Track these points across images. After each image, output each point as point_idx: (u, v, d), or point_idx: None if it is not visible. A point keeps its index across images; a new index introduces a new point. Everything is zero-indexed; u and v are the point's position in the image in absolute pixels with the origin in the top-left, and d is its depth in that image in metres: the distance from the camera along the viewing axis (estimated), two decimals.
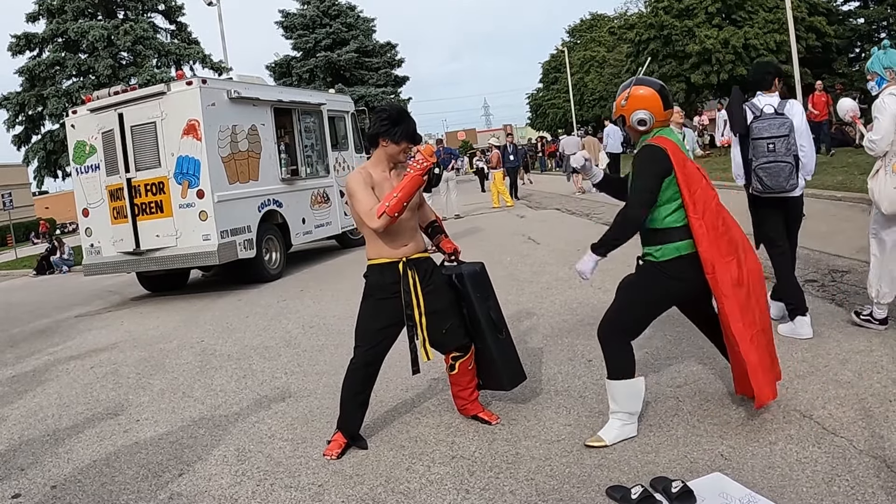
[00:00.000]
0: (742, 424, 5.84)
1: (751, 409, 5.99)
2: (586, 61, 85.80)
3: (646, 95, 5.70)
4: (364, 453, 6.26)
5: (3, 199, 41.35)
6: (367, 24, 59.49)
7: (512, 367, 6.48)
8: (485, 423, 6.53)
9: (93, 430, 7.97)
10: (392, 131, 6.09)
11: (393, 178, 6.26)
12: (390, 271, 6.21)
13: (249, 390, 8.70)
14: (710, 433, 5.76)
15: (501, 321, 6.50)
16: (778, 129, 7.93)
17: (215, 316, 14.15)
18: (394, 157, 6.21)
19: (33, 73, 40.54)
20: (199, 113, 15.94)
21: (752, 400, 5.80)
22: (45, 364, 11.98)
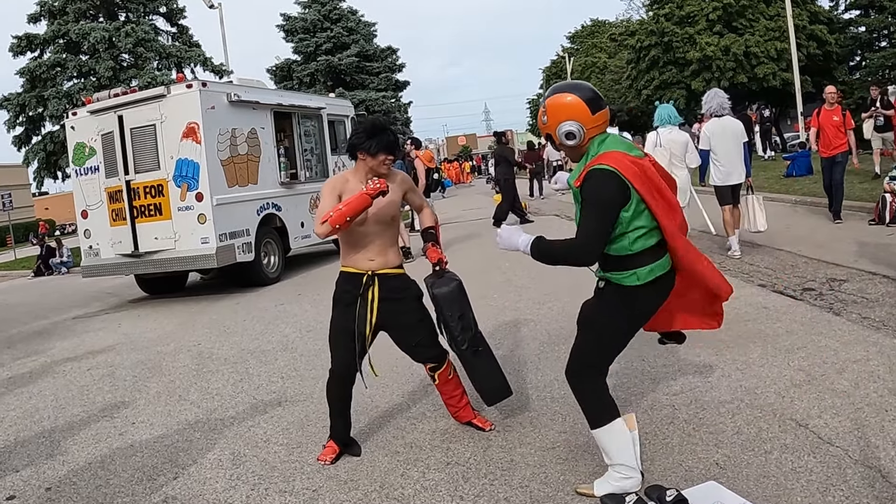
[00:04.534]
0: (737, 433, 5.83)
1: (748, 419, 5.98)
2: (587, 67, 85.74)
3: (565, 104, 4.96)
4: (359, 459, 6.26)
5: (3, 199, 41.31)
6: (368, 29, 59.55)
7: (492, 383, 6.37)
8: (479, 430, 6.53)
9: (88, 432, 7.98)
10: (367, 144, 6.07)
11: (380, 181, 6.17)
12: (353, 282, 6.30)
13: (245, 394, 8.70)
14: (705, 441, 5.76)
15: (478, 337, 6.35)
16: None
17: (213, 319, 14.16)
18: (374, 170, 6.16)
19: (34, 75, 40.64)
20: (199, 116, 15.95)
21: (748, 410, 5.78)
22: (42, 366, 11.99)
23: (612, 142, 4.96)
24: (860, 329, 8.15)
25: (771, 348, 7.73)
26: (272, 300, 15.44)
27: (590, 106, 4.88)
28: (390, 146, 6.15)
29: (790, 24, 39.60)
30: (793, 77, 42.37)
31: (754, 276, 11.50)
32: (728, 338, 8.30)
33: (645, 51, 55.89)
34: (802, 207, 19.43)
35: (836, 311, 9.08)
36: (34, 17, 41.72)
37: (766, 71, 49.50)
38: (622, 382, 7.25)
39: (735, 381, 6.97)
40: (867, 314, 8.71)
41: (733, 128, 13.49)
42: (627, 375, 7.45)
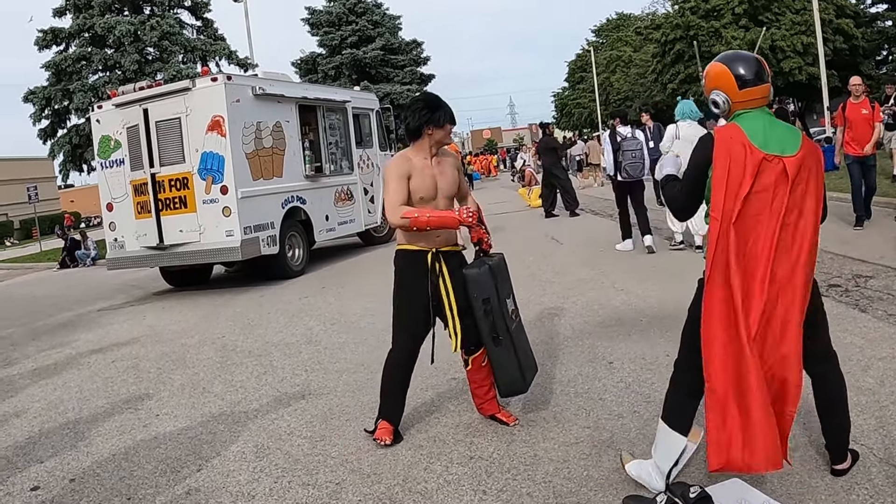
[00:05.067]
0: None
1: None
2: (612, 61, 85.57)
3: (717, 73, 4.86)
4: (382, 452, 6.24)
5: (29, 192, 41.48)
6: (393, 22, 59.49)
7: (507, 376, 6.27)
8: (503, 424, 6.52)
9: (112, 424, 8.00)
10: (435, 117, 6.14)
11: (434, 165, 6.29)
12: (418, 259, 6.25)
13: (269, 387, 8.70)
14: None
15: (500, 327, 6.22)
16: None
17: (237, 312, 14.18)
18: (441, 142, 6.28)
19: (60, 68, 40.65)
20: (224, 109, 15.98)
21: None
22: (67, 357, 12.02)
23: (748, 118, 4.72)
24: (886, 326, 8.10)
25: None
26: (296, 293, 15.43)
27: (738, 81, 4.73)
28: (453, 115, 6.28)
29: (816, 18, 39.37)
30: (819, 71, 42.14)
31: None
32: None
33: (670, 44, 55.71)
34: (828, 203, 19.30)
35: (862, 307, 9.02)
36: (60, 10, 41.72)
37: (792, 65, 49.26)
38: (646, 378, 7.25)
39: None
40: (893, 311, 8.66)
41: None
42: (651, 371, 7.44)
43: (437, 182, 6.24)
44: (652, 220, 15.44)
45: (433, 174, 6.24)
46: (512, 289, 6.53)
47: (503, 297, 6.28)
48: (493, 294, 6.15)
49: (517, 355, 6.26)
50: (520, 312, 6.63)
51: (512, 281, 6.55)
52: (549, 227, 21.28)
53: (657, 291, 11.06)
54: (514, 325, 6.36)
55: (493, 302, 6.13)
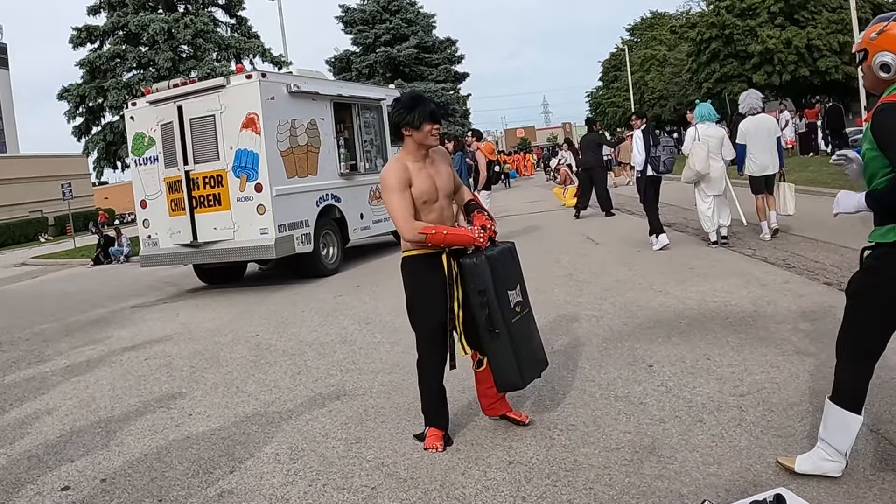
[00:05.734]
0: (808, 437, 5.63)
1: (818, 423, 5.79)
2: (647, 60, 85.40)
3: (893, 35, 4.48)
4: (419, 455, 6.13)
5: (63, 189, 41.63)
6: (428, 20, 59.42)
7: (503, 370, 6.08)
8: (517, 424, 6.47)
9: (144, 423, 7.93)
10: (409, 117, 5.95)
11: (428, 165, 6.16)
12: (435, 264, 6.10)
13: (303, 387, 8.61)
14: (773, 445, 5.57)
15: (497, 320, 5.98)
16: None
17: (271, 310, 14.11)
18: (423, 142, 6.05)
19: (94, 66, 40.79)
20: (259, 106, 15.93)
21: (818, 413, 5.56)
22: (100, 355, 11.99)
23: None
24: None
25: None
26: (331, 292, 15.37)
27: None
28: (434, 114, 6.02)
29: (854, 17, 39.08)
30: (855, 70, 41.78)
31: (819, 274, 11.26)
32: (795, 337, 8.13)
33: (705, 43, 55.56)
34: None
35: None
36: (94, 8, 41.83)
37: (829, 64, 49.06)
38: (687, 382, 7.10)
39: (804, 383, 6.77)
40: None
41: (766, 124, 15.23)
42: (692, 375, 7.29)
43: (435, 182, 6.13)
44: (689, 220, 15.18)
45: (430, 174, 6.13)
46: (521, 280, 6.33)
47: (504, 288, 6.06)
48: (489, 286, 5.93)
49: (514, 349, 6.04)
50: (529, 304, 6.41)
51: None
52: (584, 227, 21.13)
53: (696, 293, 10.90)
54: (516, 318, 6.12)
55: (489, 294, 5.93)
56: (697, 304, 10.27)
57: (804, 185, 23.82)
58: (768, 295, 10.29)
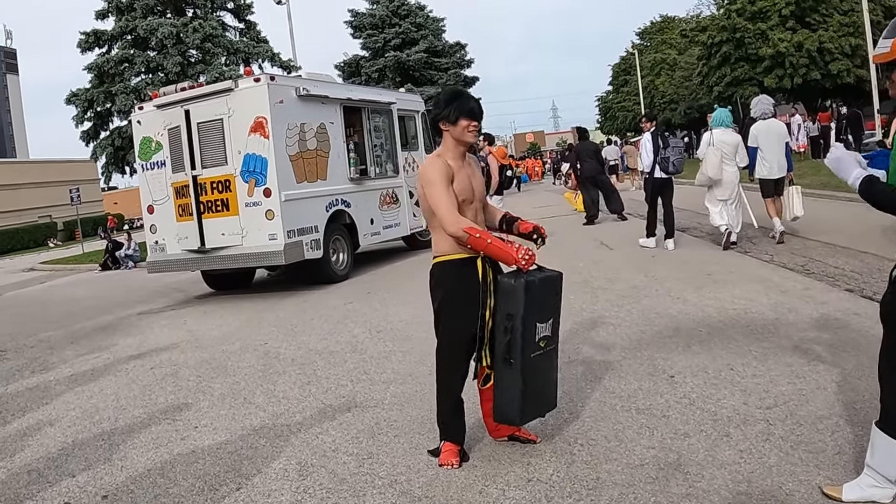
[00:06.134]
0: (839, 453, 5.40)
1: (848, 437, 5.54)
2: (657, 64, 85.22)
3: None
4: (434, 472, 5.87)
5: (72, 194, 41.58)
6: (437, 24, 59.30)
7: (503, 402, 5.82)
8: (526, 443, 6.20)
9: (149, 436, 7.71)
10: (445, 112, 5.77)
11: (465, 166, 5.92)
12: (471, 268, 5.81)
13: (313, 398, 8.38)
14: (805, 462, 5.32)
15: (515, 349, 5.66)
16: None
17: (279, 317, 13.90)
18: (460, 139, 5.85)
19: (102, 70, 40.90)
20: (267, 110, 15.72)
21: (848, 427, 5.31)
22: (105, 363, 11.80)
23: None
24: None
25: (866, 358, 7.22)
26: (341, 298, 15.17)
27: None
28: (472, 111, 5.81)
29: (866, 19, 38.87)
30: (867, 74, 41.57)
31: (840, 280, 11.04)
32: (820, 346, 7.89)
33: (716, 47, 55.29)
34: None
35: None
36: (102, 13, 41.92)
37: (840, 67, 48.78)
38: (711, 394, 6.86)
39: (831, 395, 6.53)
40: None
41: (777, 129, 15.58)
42: (716, 386, 7.04)
43: (472, 183, 5.90)
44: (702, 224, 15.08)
45: (468, 174, 5.90)
46: (557, 314, 5.99)
47: (533, 319, 5.69)
48: (518, 312, 5.62)
49: (523, 386, 5.71)
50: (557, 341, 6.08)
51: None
52: (597, 232, 20.96)
53: (714, 300, 10.68)
54: (536, 353, 5.75)
55: (516, 321, 5.62)
56: (717, 311, 10.05)
57: (818, 189, 23.69)
58: (789, 302, 10.07)
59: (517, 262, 5.49)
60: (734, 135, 15.76)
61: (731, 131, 15.76)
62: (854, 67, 48.48)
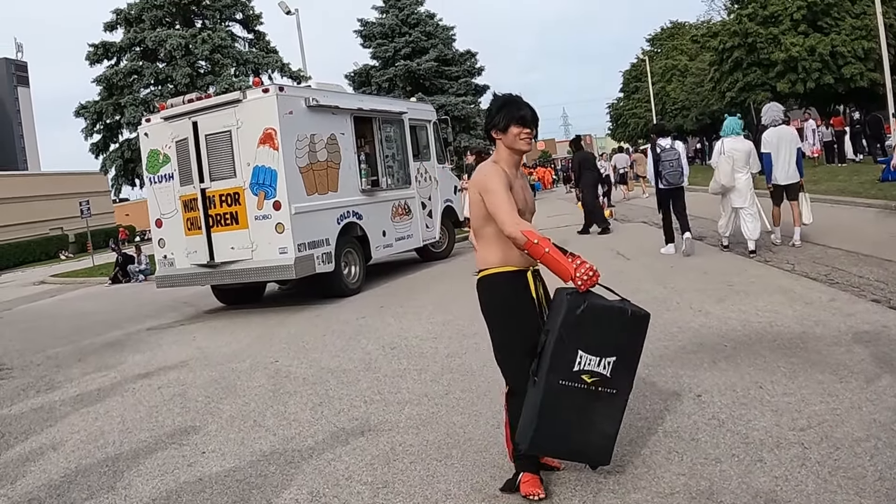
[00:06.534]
0: (880, 479, 5.09)
1: (889, 462, 5.24)
2: (668, 70, 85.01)
3: None
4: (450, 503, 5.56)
5: (81, 206, 41.46)
6: (447, 33, 59.00)
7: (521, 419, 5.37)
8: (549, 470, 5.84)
9: (154, 462, 7.46)
10: (495, 120, 5.49)
11: (519, 177, 5.64)
12: (521, 280, 5.53)
13: (325, 420, 8.09)
14: (844, 489, 5.02)
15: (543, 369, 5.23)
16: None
17: (291, 333, 13.64)
18: (512, 147, 5.53)
19: (111, 82, 40.84)
20: (276, 121, 15.50)
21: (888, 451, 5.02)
22: (112, 382, 11.57)
23: None
24: None
25: None
26: (353, 312, 14.93)
27: None
28: (523, 118, 5.47)
29: (880, 22, 38.47)
30: (881, 77, 41.23)
31: (866, 291, 10.74)
32: (850, 361, 7.58)
33: (728, 52, 55.03)
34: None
35: None
36: (110, 25, 41.86)
37: (854, 71, 48.45)
38: (741, 414, 6.55)
39: (867, 415, 6.21)
40: None
41: (788, 136, 15.86)
42: (745, 406, 6.73)
43: (525, 195, 5.62)
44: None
45: (522, 185, 5.63)
46: (623, 356, 5.30)
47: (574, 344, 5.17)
48: (553, 329, 5.20)
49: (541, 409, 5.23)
50: (620, 388, 5.36)
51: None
52: (611, 242, 20.73)
53: (737, 312, 10.39)
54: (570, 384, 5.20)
55: (549, 336, 5.22)
56: (741, 324, 9.74)
57: (835, 195, 23.44)
58: (815, 314, 9.78)
59: (573, 281, 5.13)
60: (745, 142, 15.83)
61: (742, 139, 15.81)
62: (867, 71, 48.15)
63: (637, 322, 5.39)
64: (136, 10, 41.18)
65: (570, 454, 5.61)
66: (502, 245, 5.46)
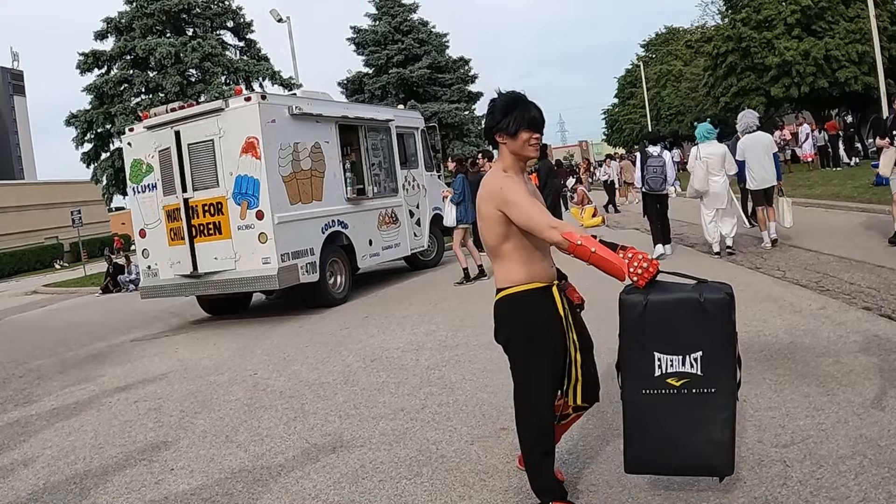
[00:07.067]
0: (864, 500, 4.88)
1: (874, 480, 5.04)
2: (662, 75, 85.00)
3: None
4: None
5: (73, 216, 41.35)
6: (440, 40, 58.88)
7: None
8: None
9: (122, 479, 7.29)
10: (503, 123, 5.00)
11: (528, 182, 5.20)
12: (548, 299, 5.07)
13: (297, 436, 7.91)
14: None
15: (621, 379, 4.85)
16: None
17: (273, 344, 13.50)
18: (519, 153, 5.06)
19: (101, 91, 40.86)
20: (259, 130, 15.32)
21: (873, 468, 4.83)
22: (90, 395, 11.44)
23: None
24: None
25: (890, 387, 6.76)
26: (338, 323, 14.78)
27: None
28: (534, 121, 5.02)
29: (873, 25, 38.34)
30: (875, 81, 41.13)
31: (857, 298, 10.54)
32: (839, 373, 7.37)
33: (722, 57, 54.94)
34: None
35: None
36: (101, 33, 41.88)
37: (848, 75, 48.37)
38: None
39: (853, 429, 6.00)
40: None
41: (763, 141, 16.61)
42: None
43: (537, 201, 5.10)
44: None
45: (532, 190, 5.18)
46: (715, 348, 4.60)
47: (650, 346, 4.66)
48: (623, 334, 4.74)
49: (629, 425, 4.85)
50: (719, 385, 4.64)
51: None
52: None
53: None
54: (655, 391, 4.69)
55: (620, 342, 4.76)
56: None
57: (829, 200, 23.35)
58: (804, 323, 9.59)
59: (629, 277, 4.61)
60: (720, 146, 16.34)
61: (716, 143, 16.35)
62: (861, 75, 48.05)
63: (716, 307, 4.60)
64: (127, 19, 41.22)
65: (679, 469, 5.05)
66: (525, 259, 5.06)
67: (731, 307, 4.59)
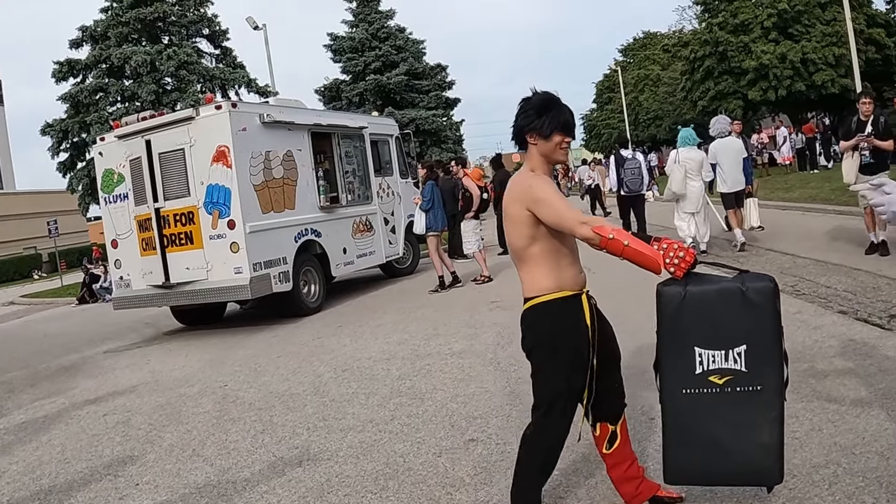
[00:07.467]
0: None
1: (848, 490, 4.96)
2: (640, 80, 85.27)
3: None
4: None
5: (49, 226, 41.13)
6: (417, 47, 58.86)
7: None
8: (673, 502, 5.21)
9: (86, 495, 7.20)
10: (537, 123, 4.79)
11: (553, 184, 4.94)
12: (578, 307, 4.84)
13: (264, 449, 7.80)
14: None
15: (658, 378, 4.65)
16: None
17: (246, 355, 13.38)
18: (549, 155, 4.87)
19: (77, 100, 40.81)
20: (229, 138, 15.17)
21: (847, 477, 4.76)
22: (59, 409, 11.32)
23: None
24: None
25: (865, 392, 6.68)
26: (311, 332, 14.67)
27: None
28: (568, 125, 4.84)
29: (849, 28, 38.44)
30: (851, 83, 41.26)
31: (833, 301, 10.50)
32: (813, 379, 7.29)
33: (699, 61, 55.13)
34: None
35: None
36: (76, 42, 41.82)
37: (825, 78, 48.57)
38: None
39: (827, 437, 5.91)
40: None
41: (734, 146, 17.33)
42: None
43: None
44: None
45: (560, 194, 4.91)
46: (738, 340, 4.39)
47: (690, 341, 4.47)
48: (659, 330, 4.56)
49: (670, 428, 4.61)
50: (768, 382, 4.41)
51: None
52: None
53: None
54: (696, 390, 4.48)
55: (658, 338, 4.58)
56: None
57: (806, 203, 23.38)
58: None
59: (665, 269, 4.44)
60: (699, 152, 16.84)
61: (695, 149, 16.79)
62: (838, 77, 48.23)
63: (760, 296, 4.37)
64: (102, 28, 41.20)
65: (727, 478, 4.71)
66: (552, 265, 4.84)
67: (775, 296, 4.39)
